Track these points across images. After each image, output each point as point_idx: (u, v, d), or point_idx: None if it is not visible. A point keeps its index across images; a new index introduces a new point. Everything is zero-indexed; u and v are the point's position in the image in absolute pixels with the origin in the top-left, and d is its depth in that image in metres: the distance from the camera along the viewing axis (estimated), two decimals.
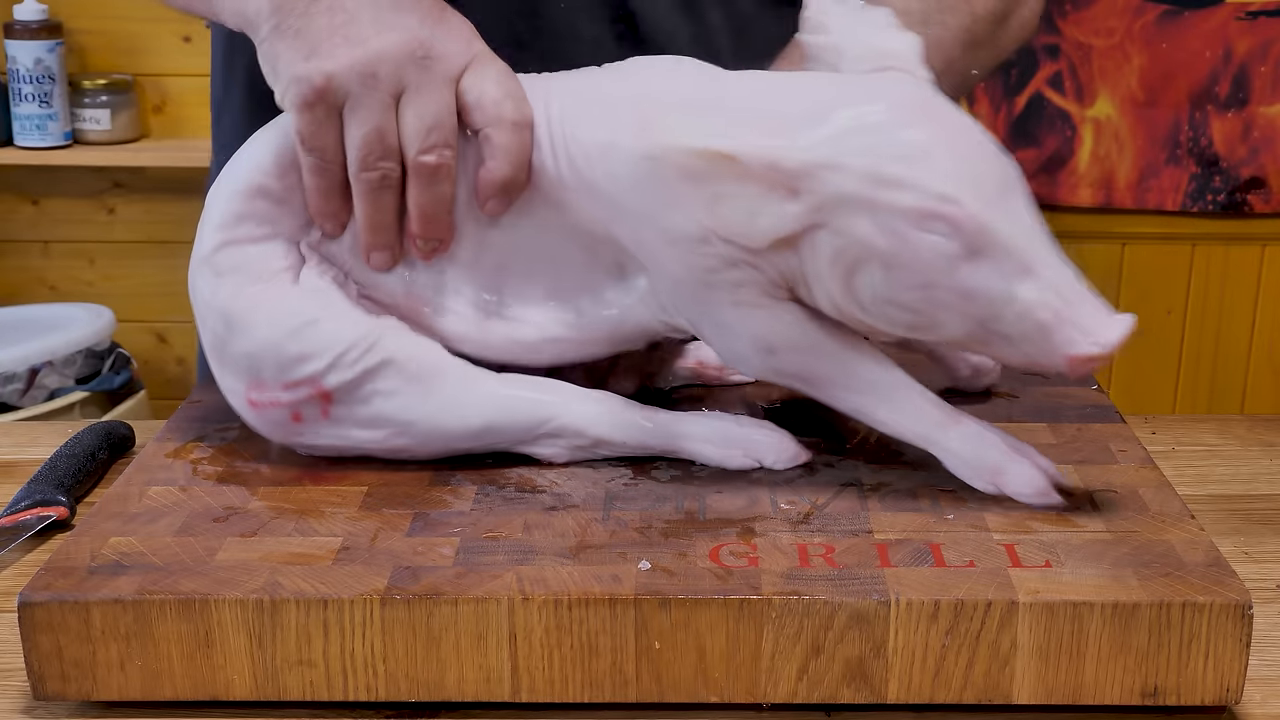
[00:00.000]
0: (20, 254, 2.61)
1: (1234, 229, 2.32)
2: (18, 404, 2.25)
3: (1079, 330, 0.67)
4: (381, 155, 0.72)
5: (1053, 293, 0.67)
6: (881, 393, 0.72)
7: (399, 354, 0.74)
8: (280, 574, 0.65)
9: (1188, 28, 2.24)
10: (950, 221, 0.66)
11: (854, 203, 0.67)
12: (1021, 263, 0.67)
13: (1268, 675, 0.67)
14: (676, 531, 0.68)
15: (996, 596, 0.62)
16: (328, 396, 0.74)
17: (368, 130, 0.71)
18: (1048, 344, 0.67)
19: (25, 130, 2.40)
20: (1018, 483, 0.71)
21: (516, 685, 0.64)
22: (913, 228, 0.66)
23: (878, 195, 0.66)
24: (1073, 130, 2.28)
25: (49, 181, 2.55)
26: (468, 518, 0.70)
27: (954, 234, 0.66)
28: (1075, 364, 0.67)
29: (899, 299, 0.68)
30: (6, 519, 0.80)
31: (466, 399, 0.74)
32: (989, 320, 0.68)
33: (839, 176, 0.66)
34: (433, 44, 0.72)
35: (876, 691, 0.63)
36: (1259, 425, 0.95)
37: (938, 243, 0.66)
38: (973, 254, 0.66)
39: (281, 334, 0.73)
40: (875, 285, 0.68)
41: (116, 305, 2.49)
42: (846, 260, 0.68)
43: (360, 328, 0.74)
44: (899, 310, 0.69)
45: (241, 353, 0.74)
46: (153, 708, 0.65)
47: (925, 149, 0.67)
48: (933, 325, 0.69)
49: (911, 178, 0.66)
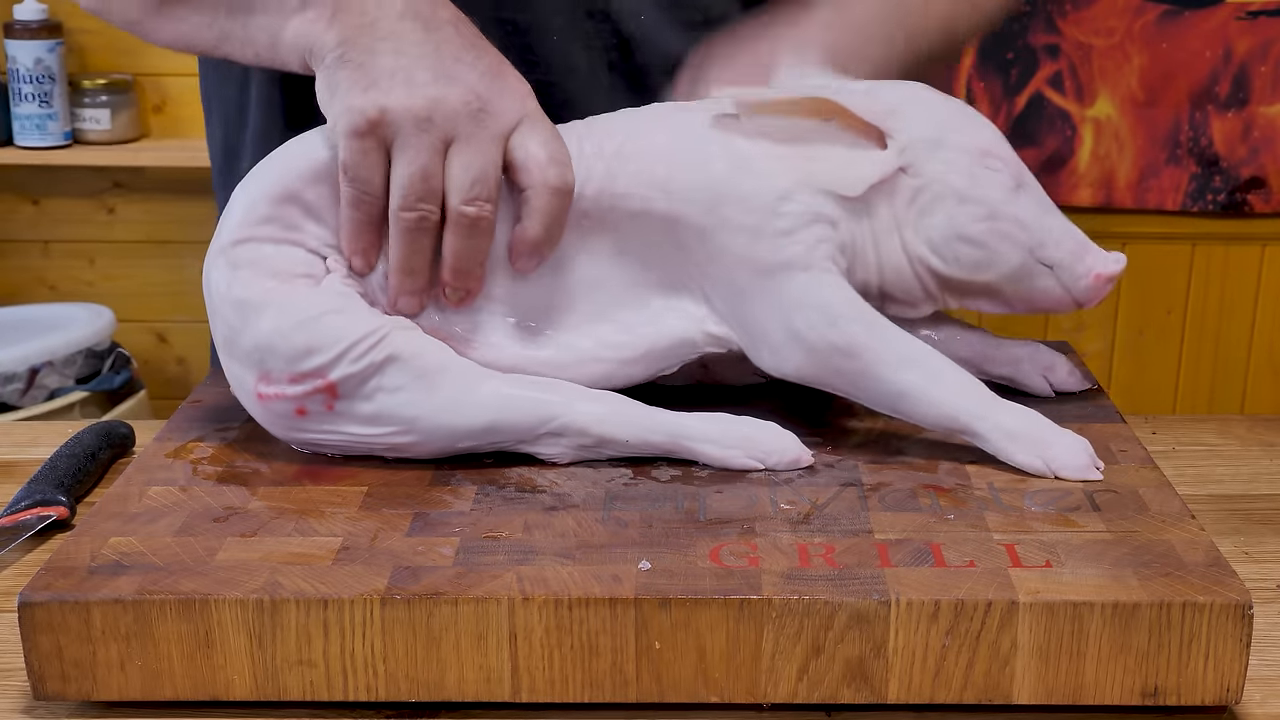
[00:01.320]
0: (20, 254, 2.61)
1: (1234, 229, 2.32)
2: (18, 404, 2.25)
3: (1097, 254, 0.79)
4: (422, 197, 0.73)
5: (1070, 226, 0.79)
6: (932, 370, 0.75)
7: (405, 350, 0.74)
8: (280, 574, 0.65)
9: (1188, 28, 2.24)
10: (1002, 158, 0.77)
11: (930, 144, 0.76)
12: (1046, 202, 0.79)
13: (1268, 675, 0.67)
14: (676, 531, 0.68)
15: (997, 596, 0.62)
16: (333, 390, 0.74)
17: (413, 170, 0.73)
18: (1081, 265, 0.78)
19: (25, 130, 2.40)
20: (1066, 455, 0.74)
21: (516, 685, 0.64)
22: (976, 164, 0.76)
23: (947, 136, 0.77)
24: (1073, 130, 2.28)
25: (49, 181, 2.55)
26: (468, 518, 0.70)
27: (1006, 167, 0.77)
28: (1101, 281, 0.79)
29: (968, 232, 0.76)
30: (6, 519, 0.80)
31: (470, 397, 0.75)
32: (1037, 247, 0.78)
33: (916, 121, 0.76)
34: (489, 99, 0.74)
35: (877, 691, 0.63)
36: (1259, 425, 0.95)
37: (997, 176, 0.77)
38: (1019, 186, 0.77)
39: (290, 325, 0.74)
40: (948, 221, 0.76)
41: (116, 305, 2.49)
42: (922, 201, 0.76)
43: (369, 323, 0.74)
44: (967, 245, 0.77)
45: (251, 343, 0.75)
46: (153, 708, 0.65)
47: (971, 124, 0.78)
48: (993, 259, 0.77)
49: (969, 129, 0.78)
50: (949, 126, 0.77)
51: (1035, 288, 0.78)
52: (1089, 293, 0.79)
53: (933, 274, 0.77)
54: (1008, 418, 0.75)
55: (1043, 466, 0.74)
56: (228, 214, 0.76)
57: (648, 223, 0.76)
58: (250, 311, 0.74)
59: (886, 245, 0.77)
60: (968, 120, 0.78)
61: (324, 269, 0.76)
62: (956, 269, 0.77)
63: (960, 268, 0.77)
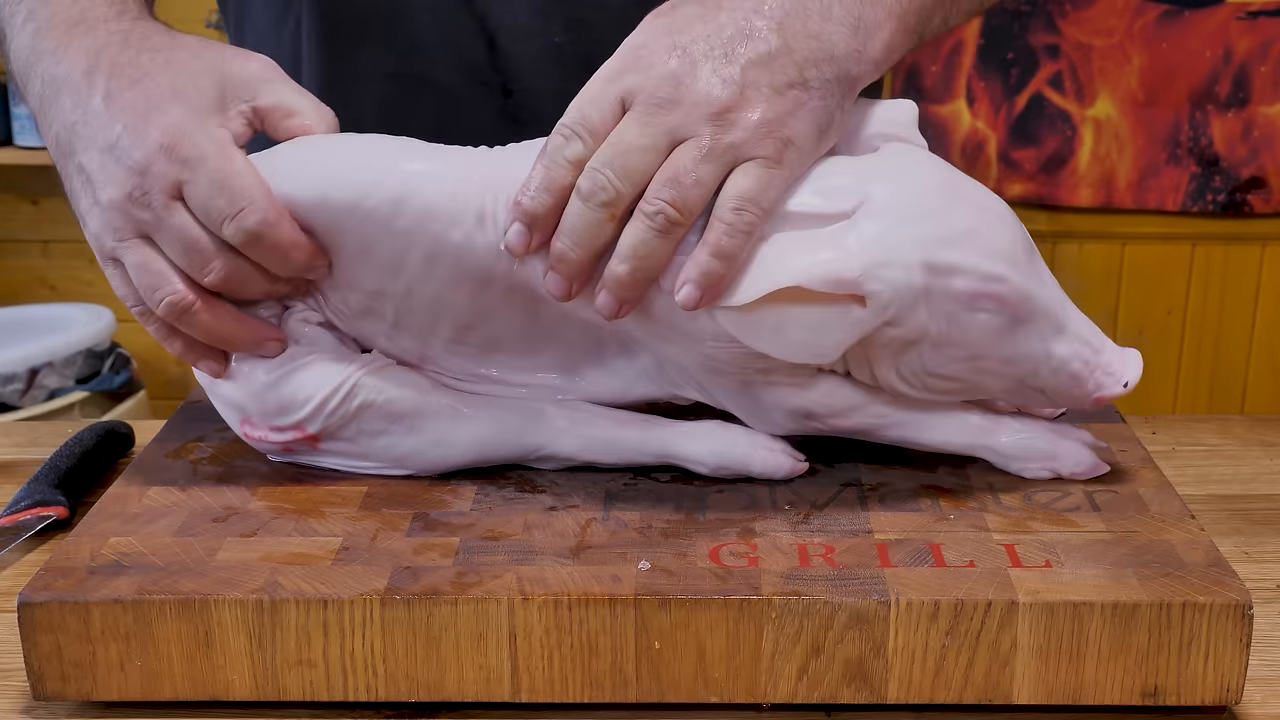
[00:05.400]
0: (20, 254, 2.62)
1: (1234, 229, 2.32)
2: (18, 404, 2.25)
3: (1105, 374, 0.71)
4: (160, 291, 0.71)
5: (1080, 343, 0.71)
6: (922, 420, 0.73)
7: (379, 397, 0.74)
8: (280, 574, 0.65)
9: (1188, 28, 2.24)
10: (998, 299, 0.68)
11: (915, 296, 0.66)
12: (1055, 322, 0.70)
13: (1268, 675, 0.67)
14: (676, 531, 0.68)
15: (996, 596, 0.62)
16: (315, 439, 0.74)
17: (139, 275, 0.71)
18: (1079, 390, 0.71)
19: (25, 130, 2.40)
20: (1071, 462, 0.74)
21: (516, 685, 0.64)
22: (964, 309, 0.67)
23: (934, 283, 0.66)
24: (1073, 130, 2.28)
25: (49, 181, 2.54)
26: (468, 518, 0.70)
27: (1001, 309, 0.68)
28: (1102, 405, 0.72)
29: (944, 371, 0.70)
30: (6, 519, 0.80)
31: (454, 436, 0.75)
32: (1027, 377, 0.71)
33: (900, 269, 0.66)
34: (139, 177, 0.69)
35: (876, 691, 0.63)
36: (1259, 425, 0.95)
37: (987, 320, 0.68)
38: (1016, 323, 0.69)
39: (260, 386, 0.74)
40: (923, 362, 0.69)
41: (116, 305, 2.49)
42: (895, 346, 0.69)
43: (339, 374, 0.73)
44: (942, 381, 0.71)
45: (226, 398, 0.75)
46: (153, 708, 0.65)
47: (968, 229, 0.67)
48: (973, 390, 0.72)
49: (963, 261, 0.67)
50: (941, 267, 0.66)
51: (1026, 402, 0.73)
52: (1091, 407, 0.73)
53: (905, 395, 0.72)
54: (1005, 441, 0.74)
55: (1051, 477, 0.74)
56: None
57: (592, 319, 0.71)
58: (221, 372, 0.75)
59: (856, 370, 0.71)
60: (968, 246, 0.67)
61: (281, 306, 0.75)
62: (930, 395, 0.72)
63: (935, 395, 0.72)
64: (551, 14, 0.91)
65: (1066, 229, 2.31)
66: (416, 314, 0.73)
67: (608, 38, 0.71)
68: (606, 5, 0.90)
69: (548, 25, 0.91)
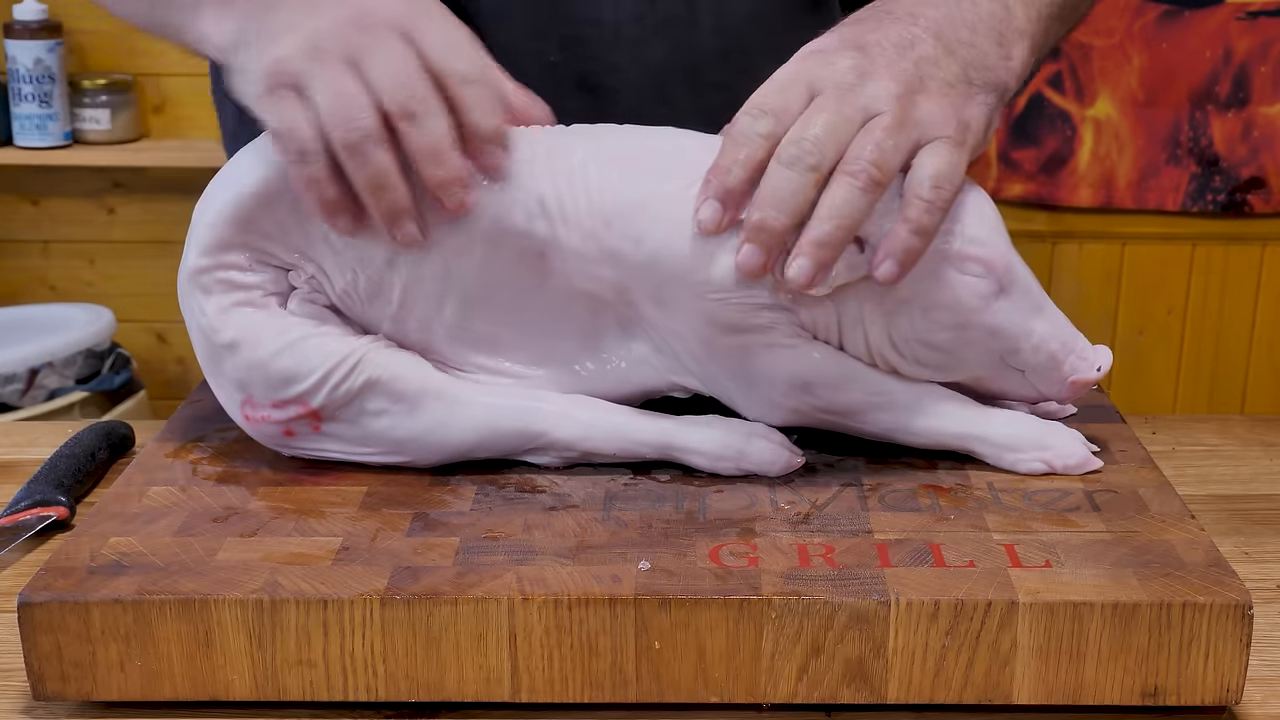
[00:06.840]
0: (20, 254, 2.61)
1: (1234, 229, 2.32)
2: (18, 404, 2.25)
3: (1079, 358, 0.74)
4: (350, 116, 0.69)
5: (1058, 326, 0.74)
6: (915, 406, 0.74)
7: (384, 374, 0.74)
8: (280, 574, 0.65)
9: (1188, 28, 2.24)
10: (985, 262, 0.72)
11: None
12: (1035, 300, 0.74)
13: (1268, 675, 0.67)
14: (676, 531, 0.68)
15: (996, 596, 0.62)
16: (316, 415, 0.74)
17: (329, 98, 0.69)
18: (1056, 372, 0.74)
19: (25, 130, 2.40)
20: (1064, 452, 0.75)
21: (516, 685, 0.64)
22: (952, 269, 0.71)
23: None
24: (1073, 130, 2.28)
25: (49, 181, 2.56)
26: (468, 518, 0.70)
27: (987, 273, 0.72)
28: (1077, 388, 0.75)
29: (933, 339, 0.73)
30: (6, 519, 0.80)
31: (455, 420, 0.75)
32: (1008, 354, 0.74)
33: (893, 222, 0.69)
34: (365, 8, 0.71)
35: (876, 691, 0.63)
36: (1259, 425, 0.95)
37: (974, 282, 0.72)
38: (1000, 292, 0.72)
39: (267, 355, 0.74)
40: (912, 326, 0.72)
41: (116, 305, 2.49)
42: (889, 304, 0.72)
43: (345, 347, 0.74)
44: (930, 350, 0.73)
45: (230, 373, 0.75)
46: (153, 708, 0.65)
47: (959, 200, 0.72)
48: (958, 364, 0.74)
49: (953, 225, 0.71)
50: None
51: (1006, 385, 0.76)
52: (1064, 395, 0.76)
53: (895, 368, 0.74)
54: (997, 430, 0.75)
55: (1044, 469, 0.74)
56: (190, 239, 0.75)
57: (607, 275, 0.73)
58: (224, 343, 0.74)
59: (851, 336, 0.73)
60: (957, 214, 0.72)
61: (289, 285, 0.75)
62: (918, 369, 0.74)
63: (923, 368, 0.74)
64: (547, 32, 0.91)
65: (1066, 229, 2.31)
66: (424, 289, 0.73)
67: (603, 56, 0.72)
68: (602, 23, 0.91)
69: (543, 44, 0.92)
